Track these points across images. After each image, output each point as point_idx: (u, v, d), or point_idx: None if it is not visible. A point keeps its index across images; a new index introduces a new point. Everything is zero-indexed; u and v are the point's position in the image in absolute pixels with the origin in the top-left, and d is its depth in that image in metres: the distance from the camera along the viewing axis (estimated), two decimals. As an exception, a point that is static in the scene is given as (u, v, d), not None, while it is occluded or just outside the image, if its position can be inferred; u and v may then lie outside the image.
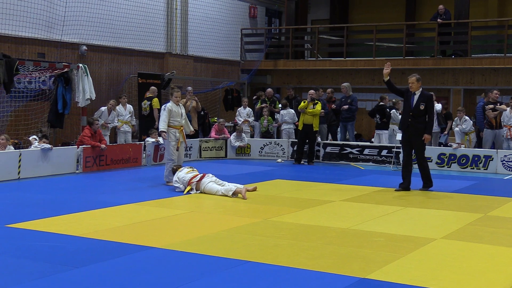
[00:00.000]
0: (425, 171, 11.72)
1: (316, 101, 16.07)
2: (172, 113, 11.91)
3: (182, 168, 11.40)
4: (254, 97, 19.38)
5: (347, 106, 17.07)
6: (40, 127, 15.26)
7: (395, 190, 11.59)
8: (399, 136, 15.36)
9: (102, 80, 17.80)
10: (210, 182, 10.85)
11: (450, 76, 20.55)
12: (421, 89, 11.57)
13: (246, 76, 22.95)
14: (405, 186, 11.64)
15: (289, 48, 22.97)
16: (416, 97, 11.50)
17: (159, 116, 14.48)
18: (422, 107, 11.43)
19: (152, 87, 17.53)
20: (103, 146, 14.09)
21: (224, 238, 7.47)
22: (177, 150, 12.02)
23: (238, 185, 10.84)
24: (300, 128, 16.28)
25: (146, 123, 16.98)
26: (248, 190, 10.74)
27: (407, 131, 11.67)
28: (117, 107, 16.51)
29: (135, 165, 15.07)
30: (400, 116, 16.17)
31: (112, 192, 11.35)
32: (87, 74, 15.21)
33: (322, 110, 16.31)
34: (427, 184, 11.73)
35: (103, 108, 16.04)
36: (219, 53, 22.26)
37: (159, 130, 12.05)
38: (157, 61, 19.94)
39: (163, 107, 12.17)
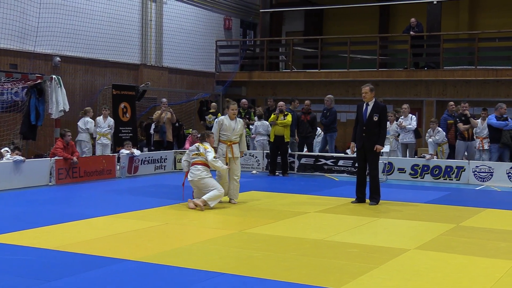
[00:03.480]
0: (376, 184, 11.36)
1: (286, 112, 16.15)
2: (223, 127, 11.30)
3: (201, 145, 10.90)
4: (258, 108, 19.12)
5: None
6: (13, 139, 15.10)
7: (351, 203, 11.46)
8: (386, 148, 15.50)
9: (76, 91, 17.69)
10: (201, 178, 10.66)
11: (423, 88, 20.80)
12: (374, 99, 11.33)
13: (221, 87, 22.99)
14: (360, 200, 11.48)
15: (264, 60, 23.06)
16: (369, 108, 11.23)
17: None
18: (375, 118, 11.15)
19: (213, 103, 18.95)
20: (74, 159, 13.96)
21: (199, 250, 7.45)
22: (227, 165, 11.20)
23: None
24: (271, 140, 16.32)
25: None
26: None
27: (363, 146, 11.32)
28: (97, 119, 16.38)
29: (109, 177, 14.96)
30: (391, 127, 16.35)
31: (85, 204, 11.27)
32: (60, 86, 15.11)
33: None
34: (376, 198, 11.34)
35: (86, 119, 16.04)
36: (194, 65, 22.27)
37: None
38: (132, 72, 19.88)
39: (216, 120, 11.61)
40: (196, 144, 11.03)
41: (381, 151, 11.74)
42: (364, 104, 11.38)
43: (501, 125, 15.17)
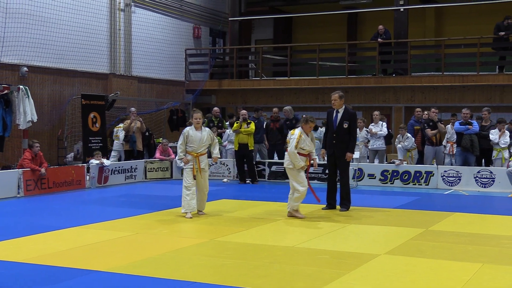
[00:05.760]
0: (346, 190, 11.44)
1: (249, 121, 16.20)
2: (189, 139, 10.79)
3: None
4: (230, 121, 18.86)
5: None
6: (-21, 150, 14.88)
7: (322, 209, 11.48)
8: (356, 154, 15.62)
9: (44, 102, 17.50)
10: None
11: (391, 94, 21.02)
12: (344, 106, 11.34)
13: (191, 96, 22.95)
14: (331, 207, 11.52)
15: (234, 68, 23.10)
16: (339, 115, 11.26)
17: None
18: (345, 125, 11.18)
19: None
20: (42, 170, 13.80)
21: (170, 260, 7.42)
22: (194, 178, 10.71)
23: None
24: (236, 148, 16.32)
25: None
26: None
27: (333, 153, 11.38)
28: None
29: (79, 188, 14.82)
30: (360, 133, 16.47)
31: (55, 215, 11.14)
32: (28, 96, 14.96)
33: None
34: (346, 204, 11.41)
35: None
36: (163, 74, 22.21)
37: (176, 158, 11.17)
38: (101, 82, 19.75)
39: (182, 132, 11.04)
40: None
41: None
42: (334, 111, 11.42)
43: (461, 130, 15.42)
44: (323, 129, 19.09)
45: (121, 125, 17.68)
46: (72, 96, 18.40)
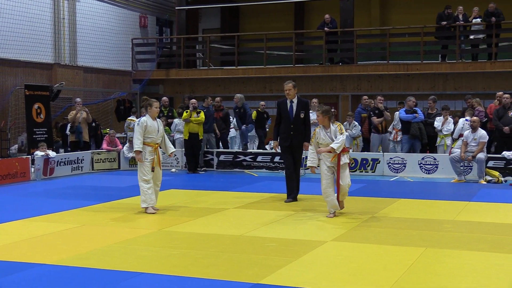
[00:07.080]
0: (298, 180, 11.37)
1: (198, 110, 16.16)
2: (147, 129, 10.18)
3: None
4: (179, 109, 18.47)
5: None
6: None
7: (285, 202, 11.23)
8: None
9: (-15, 92, 17.08)
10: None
11: (338, 83, 21.24)
12: (297, 96, 11.26)
13: (138, 86, 22.72)
14: (294, 196, 11.35)
15: (181, 58, 22.94)
16: (294, 105, 11.14)
17: None
18: (302, 115, 11.14)
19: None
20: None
21: (116, 251, 7.36)
22: (153, 170, 10.26)
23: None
24: (186, 137, 16.24)
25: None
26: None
27: (290, 144, 11.17)
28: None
29: (23, 180, 14.53)
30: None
31: (-2, 209, 10.91)
32: (-32, 87, 14.56)
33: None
34: (295, 192, 11.30)
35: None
36: (110, 63, 21.90)
37: (134, 149, 10.27)
38: (45, 72, 19.35)
39: (137, 121, 10.34)
40: None
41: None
42: (288, 101, 11.22)
43: (409, 118, 15.74)
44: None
45: (133, 117, 17.85)
46: (15, 87, 17.98)
